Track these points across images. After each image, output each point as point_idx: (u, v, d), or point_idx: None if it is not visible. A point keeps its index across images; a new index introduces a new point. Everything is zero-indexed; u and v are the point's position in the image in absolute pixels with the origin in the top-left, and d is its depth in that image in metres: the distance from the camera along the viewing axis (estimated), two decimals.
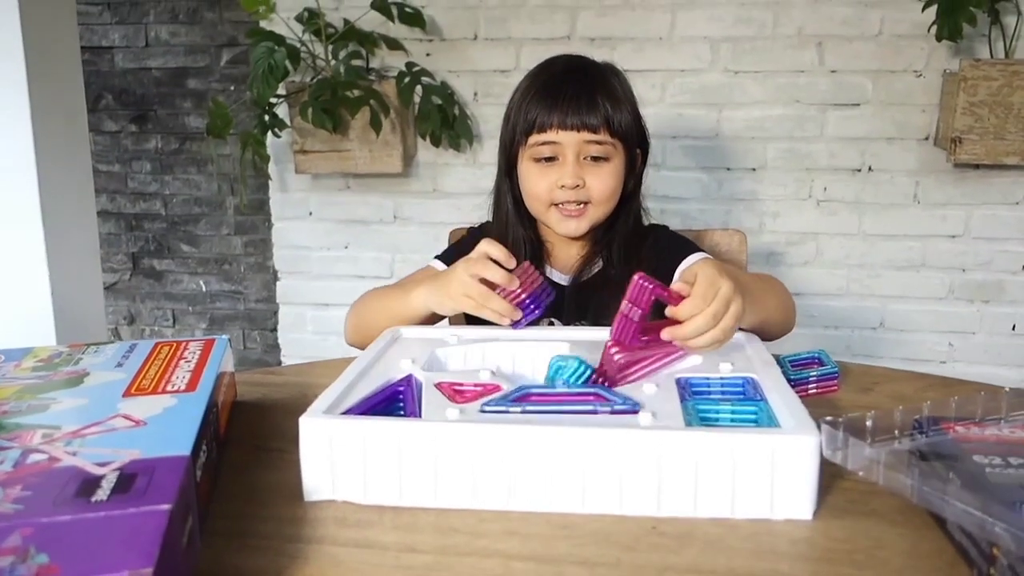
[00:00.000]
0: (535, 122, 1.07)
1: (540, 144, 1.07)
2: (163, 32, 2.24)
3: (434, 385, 0.71)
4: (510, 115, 1.12)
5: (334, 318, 2.22)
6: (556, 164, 1.08)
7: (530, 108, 1.07)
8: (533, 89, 1.09)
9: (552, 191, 1.08)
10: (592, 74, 1.10)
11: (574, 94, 1.06)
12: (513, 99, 1.13)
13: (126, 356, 0.74)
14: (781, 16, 1.91)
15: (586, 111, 1.05)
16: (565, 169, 1.07)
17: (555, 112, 1.05)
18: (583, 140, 1.06)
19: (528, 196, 1.12)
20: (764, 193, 2.00)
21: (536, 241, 1.16)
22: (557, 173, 1.07)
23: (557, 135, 1.06)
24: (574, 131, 1.06)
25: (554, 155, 1.08)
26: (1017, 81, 1.69)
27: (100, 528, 0.44)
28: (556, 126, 1.06)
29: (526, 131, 1.08)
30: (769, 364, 0.74)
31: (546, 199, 1.09)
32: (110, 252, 2.39)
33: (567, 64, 1.12)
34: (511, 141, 1.11)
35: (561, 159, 1.07)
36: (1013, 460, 0.55)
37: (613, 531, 0.56)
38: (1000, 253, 1.94)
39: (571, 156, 1.07)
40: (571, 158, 1.07)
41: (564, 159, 1.07)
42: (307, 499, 0.61)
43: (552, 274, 1.16)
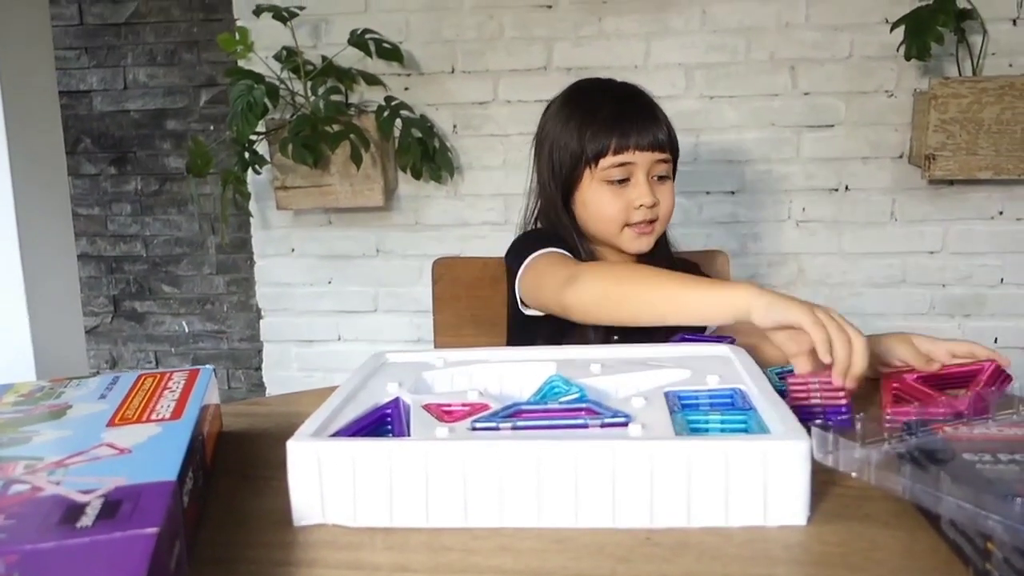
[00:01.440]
0: (610, 145, 1.10)
1: (615, 167, 1.10)
2: (141, 74, 2.25)
3: (422, 407, 0.70)
4: (568, 144, 1.14)
5: (319, 354, 2.21)
6: (627, 185, 1.11)
7: (601, 132, 1.10)
8: (597, 115, 1.12)
9: (627, 211, 1.12)
10: (642, 95, 1.16)
11: (639, 115, 1.11)
12: (559, 129, 1.15)
13: (109, 388, 0.73)
14: (753, 42, 1.94)
15: (656, 129, 1.11)
16: (640, 188, 1.11)
17: (631, 134, 1.09)
18: (654, 159, 1.11)
19: (599, 219, 1.14)
20: (744, 215, 2.01)
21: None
22: (632, 193, 1.11)
23: (634, 155, 1.10)
24: (648, 151, 1.10)
25: (626, 176, 1.11)
26: (986, 98, 1.72)
27: (86, 553, 0.43)
28: (633, 147, 1.09)
29: (597, 155, 1.11)
30: (756, 375, 0.74)
31: (621, 220, 1.13)
32: (91, 295, 2.37)
33: (613, 87, 1.17)
34: (572, 168, 1.14)
35: (632, 180, 1.11)
36: (1003, 456, 0.55)
37: (607, 543, 0.55)
38: (979, 267, 1.96)
39: (642, 176, 1.11)
40: (642, 178, 1.11)
41: (636, 179, 1.11)
42: (296, 524, 0.60)
43: None
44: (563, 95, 1.20)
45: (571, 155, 1.14)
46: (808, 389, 0.74)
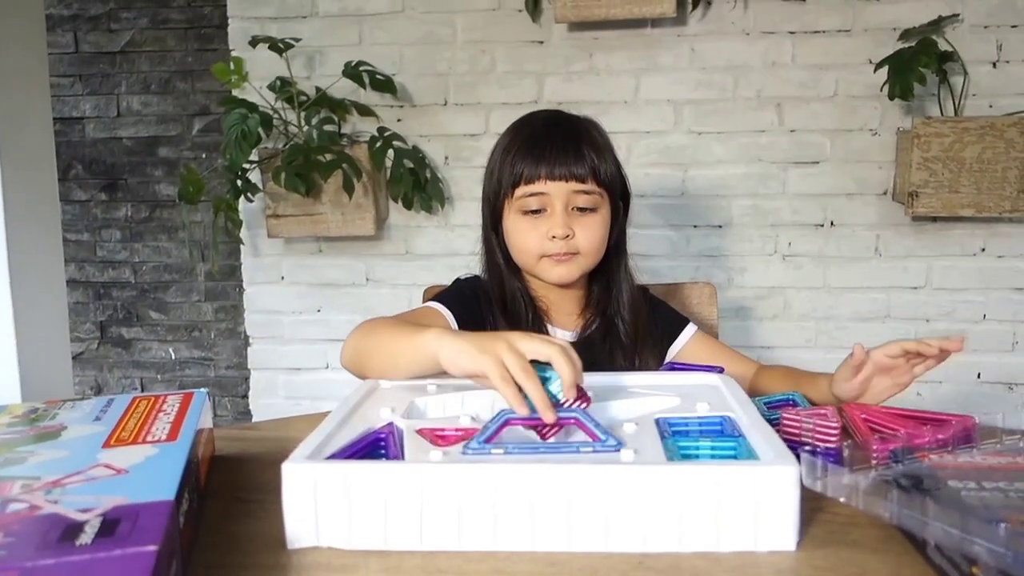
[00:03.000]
0: (522, 174, 1.07)
1: (528, 196, 1.08)
2: (135, 102, 2.26)
3: (415, 431, 0.71)
4: (494, 170, 1.13)
5: (306, 383, 2.21)
6: (544, 216, 1.09)
7: (516, 161, 1.08)
8: (518, 142, 1.10)
9: (542, 243, 1.08)
10: (575, 126, 1.12)
11: (560, 145, 1.08)
12: (494, 154, 1.14)
13: (104, 410, 0.73)
14: (740, 80, 1.98)
15: (573, 161, 1.07)
16: (554, 219, 1.07)
17: (543, 163, 1.06)
18: (571, 190, 1.07)
19: (517, 250, 1.12)
20: (731, 249, 2.04)
21: (531, 297, 1.17)
22: (546, 224, 1.08)
23: (545, 186, 1.07)
24: (562, 181, 1.07)
25: (541, 207, 1.08)
26: (967, 137, 1.76)
27: (86, 570, 0.43)
28: (544, 177, 1.07)
29: (513, 183, 1.08)
30: (745, 403, 0.76)
31: (536, 251, 1.10)
32: (78, 321, 2.36)
33: (549, 117, 1.14)
34: (496, 195, 1.12)
35: (549, 210, 1.08)
36: (987, 484, 0.57)
37: (600, 567, 0.56)
38: (962, 303, 1.99)
39: (559, 207, 1.07)
40: (559, 208, 1.07)
41: (552, 210, 1.08)
42: (290, 547, 0.60)
43: (555, 332, 1.16)
44: (513, 123, 1.17)
45: (496, 181, 1.12)
46: (800, 427, 0.75)
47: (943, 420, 0.74)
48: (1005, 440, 0.66)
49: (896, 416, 0.78)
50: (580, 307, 1.18)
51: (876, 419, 0.78)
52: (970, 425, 0.70)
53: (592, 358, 1.12)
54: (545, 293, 1.16)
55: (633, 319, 1.15)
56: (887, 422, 0.76)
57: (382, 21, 2.05)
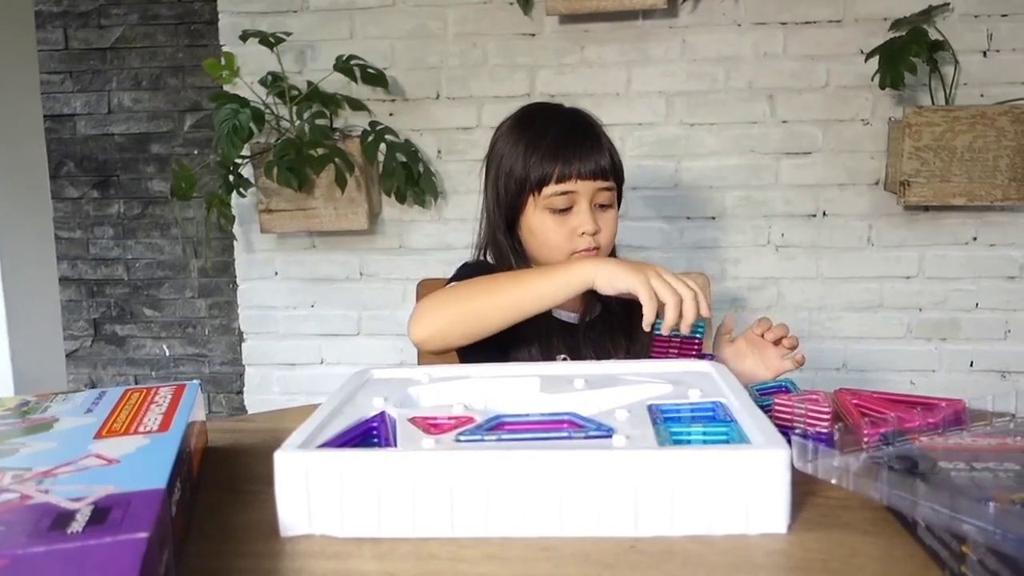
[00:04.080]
0: (553, 174, 1.09)
1: (557, 195, 1.10)
2: (126, 99, 2.25)
3: (408, 420, 0.71)
4: (512, 169, 1.13)
5: (301, 378, 2.21)
6: (571, 213, 1.11)
7: (545, 160, 1.10)
8: (540, 141, 1.11)
9: (572, 240, 1.11)
10: (590, 122, 1.15)
11: (586, 143, 1.10)
12: (506, 153, 1.15)
13: (95, 403, 0.73)
14: (732, 71, 1.98)
15: (598, 157, 1.10)
16: (582, 216, 1.10)
17: (574, 162, 1.09)
18: (597, 188, 1.11)
19: (544, 246, 1.14)
20: (724, 240, 2.04)
21: None
22: (575, 221, 1.11)
23: (576, 184, 1.09)
24: (591, 179, 1.10)
25: (569, 205, 1.11)
26: (958, 126, 1.76)
27: (77, 558, 0.43)
28: (575, 176, 1.09)
29: (540, 182, 1.10)
30: (737, 389, 0.76)
31: (566, 248, 1.12)
32: (71, 319, 2.35)
33: (560, 114, 1.16)
34: (518, 194, 1.13)
35: (575, 208, 1.11)
36: (977, 465, 0.57)
37: (592, 551, 0.56)
38: (954, 292, 2.00)
39: (585, 204, 1.11)
40: (585, 206, 1.11)
41: (578, 207, 1.11)
42: (283, 535, 0.60)
43: (560, 315, 1.19)
44: (512, 119, 1.19)
45: (516, 181, 1.13)
46: (793, 413, 0.75)
47: (933, 404, 0.74)
48: (995, 422, 0.66)
49: (887, 401, 0.78)
50: (582, 297, 1.19)
51: (867, 404, 0.78)
52: (960, 408, 0.71)
53: (599, 340, 1.15)
54: None
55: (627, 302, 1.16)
56: (878, 407, 0.76)
57: (373, 15, 2.04)
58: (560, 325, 1.18)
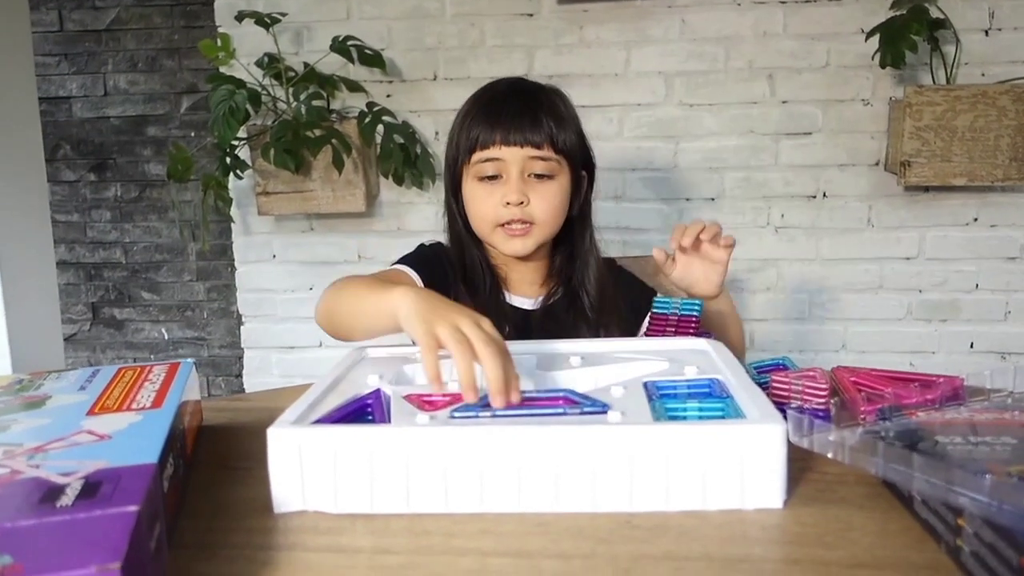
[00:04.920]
0: (478, 139, 1.07)
1: (483, 161, 1.07)
2: (122, 81, 2.24)
3: (402, 397, 0.71)
4: (453, 136, 1.12)
5: (300, 361, 2.21)
6: (500, 183, 1.08)
7: (473, 126, 1.08)
8: (476, 108, 1.10)
9: (497, 210, 1.08)
10: (535, 93, 1.11)
11: (517, 111, 1.07)
12: (455, 121, 1.14)
13: (89, 380, 0.73)
14: (732, 51, 1.96)
15: (529, 127, 1.06)
16: (509, 185, 1.07)
17: (498, 128, 1.06)
18: (527, 156, 1.07)
19: (474, 217, 1.12)
20: (723, 221, 2.00)
21: (491, 265, 1.16)
22: (501, 191, 1.07)
23: (500, 151, 1.06)
24: (517, 147, 1.06)
25: (498, 173, 1.08)
26: (959, 105, 1.75)
27: (66, 530, 0.43)
28: (499, 142, 1.06)
29: (469, 149, 1.08)
30: (734, 366, 0.75)
31: (492, 219, 1.09)
32: (69, 303, 2.35)
33: (510, 85, 1.14)
34: (455, 161, 1.12)
35: (505, 176, 1.08)
36: (973, 439, 0.56)
37: (587, 526, 0.56)
38: (954, 273, 1.99)
39: (515, 173, 1.07)
40: (515, 175, 1.07)
41: (508, 176, 1.07)
42: (277, 511, 0.60)
43: (513, 300, 1.16)
44: (472, 94, 1.16)
45: (453, 149, 1.12)
46: (790, 390, 0.75)
47: (931, 381, 0.74)
48: (993, 397, 0.66)
49: (885, 378, 0.78)
50: (542, 277, 1.18)
51: (865, 381, 0.77)
52: (958, 385, 0.70)
53: (555, 328, 1.13)
54: (505, 261, 1.16)
55: (599, 292, 1.15)
56: (876, 383, 0.76)
57: None
58: (512, 311, 1.15)
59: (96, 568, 0.39)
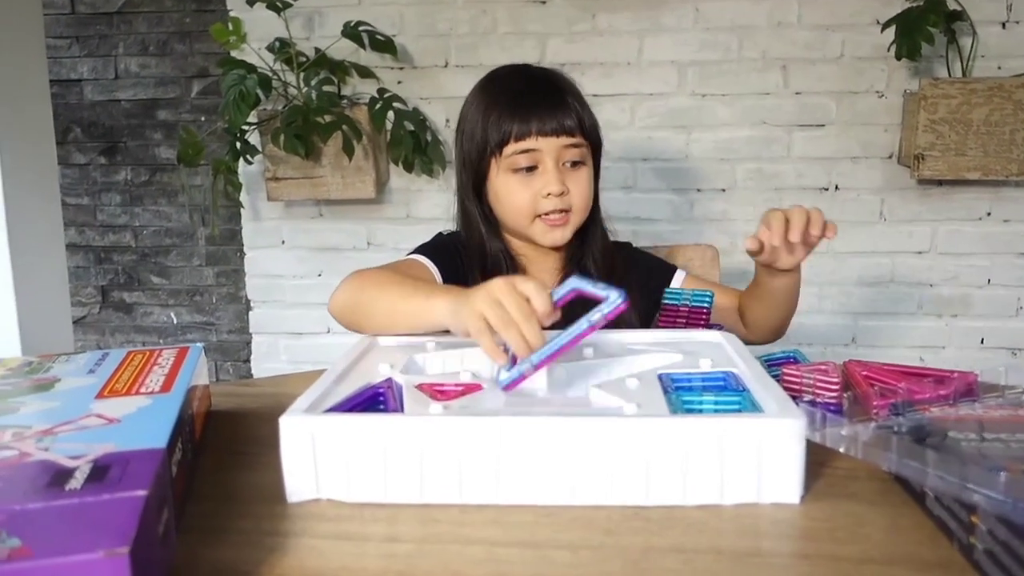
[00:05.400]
0: (511, 132, 1.05)
1: (518, 154, 1.06)
2: (133, 64, 2.23)
3: (415, 386, 0.70)
4: (474, 131, 1.10)
5: (308, 347, 2.21)
6: (536, 174, 1.07)
7: (504, 118, 1.06)
8: (500, 100, 1.08)
9: (536, 202, 1.07)
10: (555, 79, 1.11)
11: (547, 99, 1.06)
12: (469, 114, 1.12)
13: (98, 363, 0.73)
14: (745, 41, 1.95)
15: (562, 115, 1.05)
16: (548, 176, 1.05)
17: (532, 119, 1.04)
18: (562, 145, 1.06)
19: (509, 210, 1.10)
20: (734, 213, 2.02)
21: (511, 256, 1.16)
22: (539, 182, 1.06)
23: (536, 142, 1.05)
24: (553, 136, 1.05)
25: (533, 164, 1.06)
26: (975, 99, 1.73)
27: (74, 513, 0.43)
28: (535, 133, 1.05)
29: (500, 142, 1.06)
30: (748, 359, 0.75)
31: (530, 211, 1.08)
32: (79, 286, 2.35)
33: (524, 72, 1.13)
34: (480, 156, 1.09)
35: (541, 168, 1.06)
36: (988, 435, 0.56)
37: (595, 517, 0.56)
38: (966, 268, 1.98)
39: (551, 163, 1.06)
40: (551, 165, 1.06)
41: (544, 167, 1.06)
42: (289, 500, 0.60)
43: None
44: (478, 83, 1.15)
45: (477, 144, 1.09)
46: (801, 383, 0.74)
47: (945, 376, 0.73)
48: (1007, 394, 0.65)
49: (897, 372, 0.77)
50: (560, 264, 1.17)
51: (877, 375, 0.77)
52: (972, 381, 0.70)
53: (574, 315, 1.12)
54: (525, 251, 1.15)
55: (607, 271, 1.13)
56: (888, 378, 0.75)
57: None
58: None
59: (104, 552, 0.39)
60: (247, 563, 0.50)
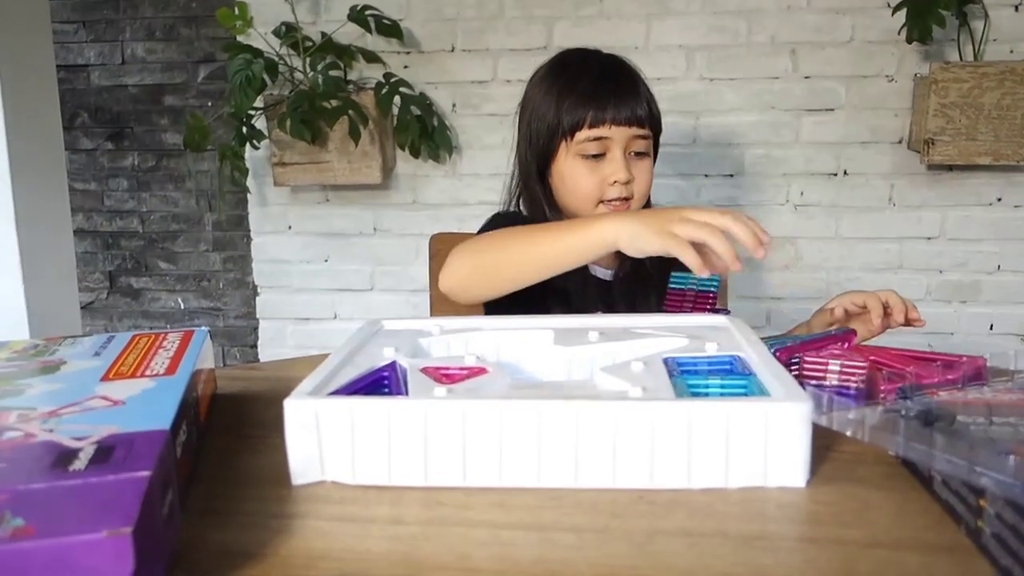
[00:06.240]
0: (586, 118, 1.07)
1: (590, 140, 1.07)
2: (139, 49, 2.23)
3: (419, 370, 0.70)
4: (545, 114, 1.11)
5: (315, 332, 2.21)
6: (603, 160, 1.08)
7: (578, 104, 1.07)
8: (575, 85, 1.09)
9: (602, 188, 1.09)
10: (629, 68, 1.13)
11: (623, 89, 1.08)
12: (537, 96, 1.13)
13: (104, 346, 0.73)
14: (754, 24, 1.93)
15: (635, 104, 1.07)
16: (616, 164, 1.07)
17: (608, 107, 1.06)
18: (632, 135, 1.08)
19: (574, 194, 1.12)
20: (742, 199, 2.01)
21: None
22: (607, 169, 1.08)
23: (610, 130, 1.07)
24: (625, 126, 1.07)
25: (602, 151, 1.08)
26: (986, 83, 1.72)
27: (78, 493, 0.43)
28: (609, 121, 1.06)
29: (573, 127, 1.08)
30: (755, 343, 0.74)
31: (595, 196, 1.10)
32: (86, 271, 2.36)
33: (598, 59, 1.14)
34: (550, 139, 1.11)
35: (609, 155, 1.08)
36: (997, 419, 0.55)
37: (602, 500, 0.56)
38: (975, 254, 1.97)
39: (619, 152, 1.08)
40: (619, 153, 1.08)
41: (612, 155, 1.08)
42: (294, 482, 0.59)
43: (596, 271, 1.17)
44: (547, 64, 1.16)
45: (548, 126, 1.11)
46: (826, 369, 0.73)
47: (953, 360, 0.72)
48: (1016, 378, 0.65)
49: (906, 357, 0.76)
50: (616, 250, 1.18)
51: (885, 359, 0.76)
52: (981, 365, 0.69)
53: (631, 296, 1.14)
54: None
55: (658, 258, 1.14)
56: (896, 362, 0.75)
57: None
58: (596, 282, 1.16)
59: (107, 532, 0.39)
60: (251, 545, 0.50)
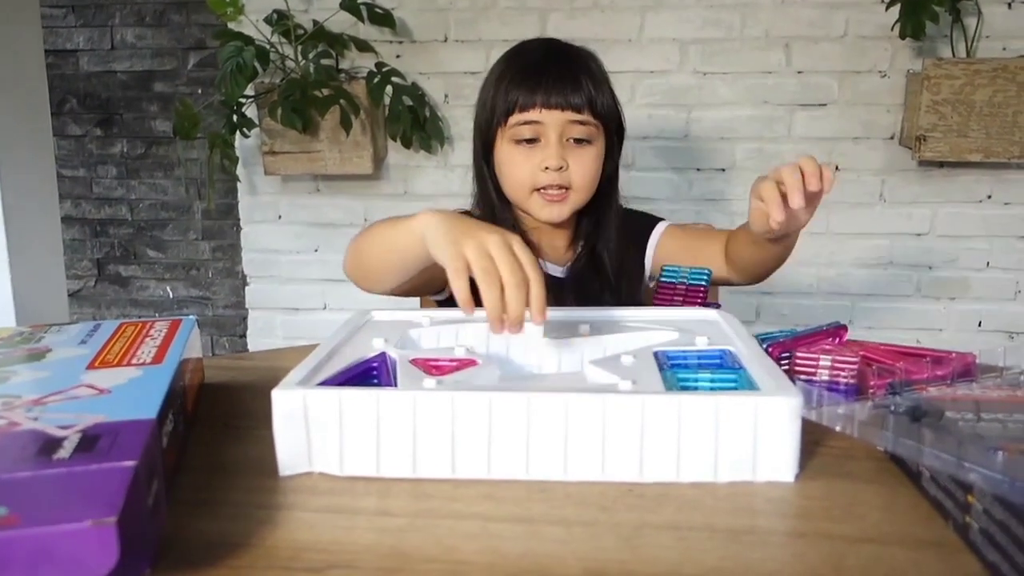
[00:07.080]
0: (517, 102, 1.04)
1: (521, 124, 1.05)
2: (129, 35, 2.21)
3: (409, 361, 0.70)
4: (487, 99, 1.09)
5: (304, 322, 2.20)
6: (538, 147, 1.06)
7: (511, 88, 1.05)
8: (513, 70, 1.07)
9: (535, 175, 1.06)
10: (573, 55, 1.09)
11: (557, 73, 1.04)
12: (487, 81, 1.11)
13: (90, 334, 0.72)
14: (748, 18, 1.93)
15: (570, 90, 1.03)
16: (548, 150, 1.04)
17: (539, 91, 1.03)
18: (567, 120, 1.04)
19: (508, 181, 1.09)
20: (734, 193, 2.01)
21: (522, 231, 1.13)
22: (540, 155, 1.05)
23: (540, 114, 1.03)
24: (558, 110, 1.03)
25: (535, 136, 1.05)
26: (979, 80, 1.72)
27: (62, 483, 0.42)
28: (539, 105, 1.03)
29: (506, 111, 1.05)
30: (745, 337, 0.74)
31: (528, 183, 1.07)
32: (75, 258, 2.34)
33: (546, 45, 1.11)
34: (488, 124, 1.09)
35: (543, 141, 1.05)
36: (985, 415, 0.56)
37: (589, 493, 0.55)
38: (965, 251, 1.97)
39: (554, 137, 1.04)
40: (554, 139, 1.04)
41: (546, 140, 1.05)
42: (282, 473, 0.59)
43: (546, 267, 1.14)
44: (504, 53, 1.13)
45: (487, 111, 1.08)
46: (817, 364, 0.73)
47: (943, 356, 0.72)
48: (1005, 374, 0.65)
49: (895, 352, 0.76)
50: (568, 241, 1.16)
51: (874, 355, 0.76)
52: (970, 361, 0.69)
53: (584, 294, 1.12)
54: (536, 228, 1.14)
55: (619, 254, 1.13)
56: (885, 358, 0.75)
57: None
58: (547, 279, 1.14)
59: (92, 522, 0.38)
60: (237, 535, 0.50)
